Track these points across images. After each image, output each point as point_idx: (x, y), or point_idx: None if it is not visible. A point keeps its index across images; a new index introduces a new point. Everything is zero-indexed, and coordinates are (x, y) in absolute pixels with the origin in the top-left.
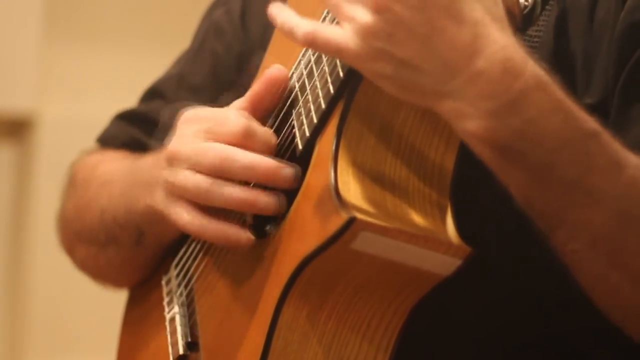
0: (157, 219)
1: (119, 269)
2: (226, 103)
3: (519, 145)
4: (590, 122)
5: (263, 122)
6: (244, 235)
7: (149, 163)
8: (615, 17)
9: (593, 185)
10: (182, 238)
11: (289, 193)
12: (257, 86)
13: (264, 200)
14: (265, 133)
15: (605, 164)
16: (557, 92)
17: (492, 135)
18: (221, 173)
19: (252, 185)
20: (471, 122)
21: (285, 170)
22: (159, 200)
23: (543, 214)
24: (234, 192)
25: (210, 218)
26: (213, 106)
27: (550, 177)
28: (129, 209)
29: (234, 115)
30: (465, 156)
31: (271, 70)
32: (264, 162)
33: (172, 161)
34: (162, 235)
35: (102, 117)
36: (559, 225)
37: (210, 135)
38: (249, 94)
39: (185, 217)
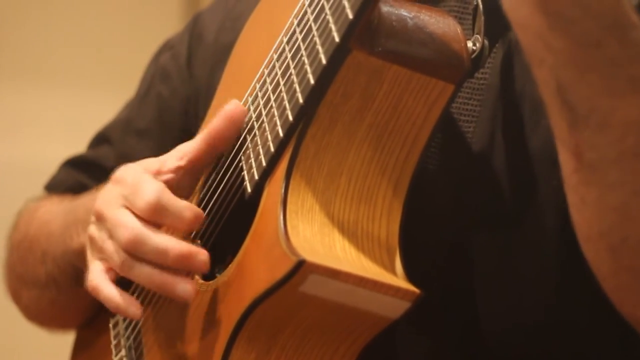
0: None
1: (62, 310)
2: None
3: (573, 11)
4: (635, 16)
5: (214, 161)
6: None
7: (85, 203)
8: None
9: (635, 74)
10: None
11: (238, 235)
12: (216, 122)
13: (177, 287)
14: (178, 207)
15: None
16: None
17: None
18: (133, 252)
19: None
20: None
21: (200, 257)
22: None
23: (574, 98)
24: (143, 273)
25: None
26: (161, 153)
27: (594, 55)
28: (65, 249)
29: (149, 186)
30: (414, 199)
31: (230, 106)
32: (176, 248)
33: (98, 220)
34: None
35: (45, 159)
36: (589, 114)
37: (126, 202)
38: (207, 130)
39: (97, 276)
